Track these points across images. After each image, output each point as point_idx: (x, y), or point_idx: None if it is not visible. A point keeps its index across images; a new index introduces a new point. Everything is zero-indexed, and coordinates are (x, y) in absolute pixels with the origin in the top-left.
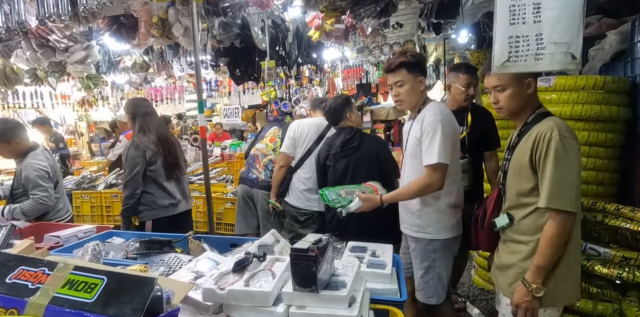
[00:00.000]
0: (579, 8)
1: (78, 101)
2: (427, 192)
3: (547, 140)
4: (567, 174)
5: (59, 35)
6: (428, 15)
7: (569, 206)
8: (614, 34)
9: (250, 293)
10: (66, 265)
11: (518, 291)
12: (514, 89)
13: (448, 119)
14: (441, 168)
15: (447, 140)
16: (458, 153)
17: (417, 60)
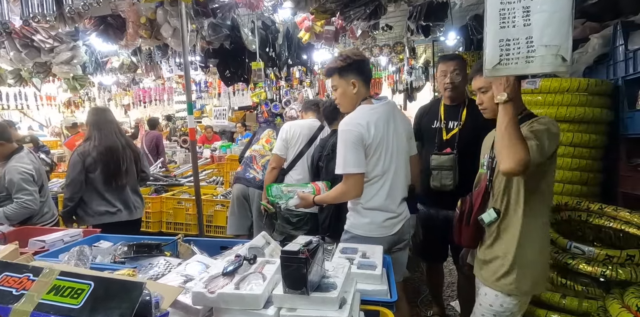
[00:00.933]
0: (568, 11)
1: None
2: (345, 198)
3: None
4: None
5: (44, 35)
6: (417, 18)
7: None
8: (597, 38)
9: (241, 296)
10: (52, 270)
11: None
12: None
13: (352, 123)
14: (352, 177)
15: (349, 148)
16: (378, 156)
17: (348, 64)
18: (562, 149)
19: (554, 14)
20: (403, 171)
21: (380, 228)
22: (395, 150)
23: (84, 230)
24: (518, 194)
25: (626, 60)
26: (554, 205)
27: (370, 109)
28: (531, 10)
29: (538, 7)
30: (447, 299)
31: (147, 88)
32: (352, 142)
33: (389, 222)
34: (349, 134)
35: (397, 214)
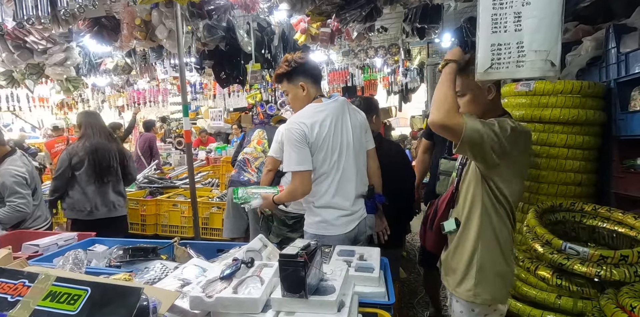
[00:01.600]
0: (558, 17)
1: (57, 104)
2: (296, 196)
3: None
4: None
5: (37, 36)
6: (412, 20)
7: None
8: (590, 41)
9: (239, 300)
10: (47, 276)
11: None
12: (474, 94)
13: (295, 123)
14: (298, 174)
15: (293, 147)
16: (324, 154)
17: (293, 68)
18: (556, 150)
19: (543, 19)
20: (354, 168)
21: (332, 226)
22: (345, 147)
23: (79, 234)
24: (481, 203)
25: (618, 63)
26: (548, 206)
27: (315, 108)
28: (522, 15)
29: (529, 12)
30: (444, 300)
31: (141, 89)
32: (296, 141)
33: (341, 220)
34: (291, 133)
35: (350, 212)
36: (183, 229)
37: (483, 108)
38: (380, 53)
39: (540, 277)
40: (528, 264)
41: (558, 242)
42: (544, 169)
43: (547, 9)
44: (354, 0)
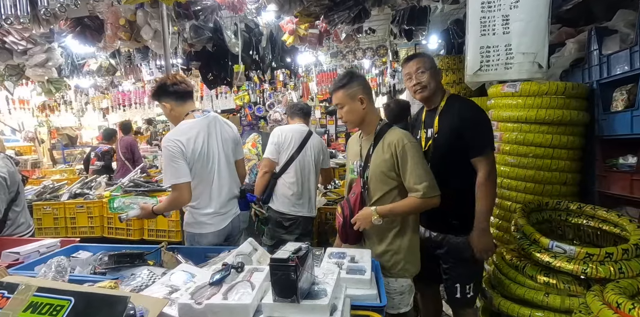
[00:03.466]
0: (544, 20)
1: (38, 106)
2: (178, 205)
3: (402, 147)
4: (425, 170)
5: (17, 36)
6: (400, 22)
7: (436, 191)
8: (573, 43)
9: (229, 307)
10: (28, 286)
11: (364, 210)
12: (350, 106)
13: (172, 140)
14: (177, 186)
15: (170, 162)
16: (201, 164)
17: (155, 90)
18: (541, 150)
19: (530, 22)
20: (227, 174)
21: (208, 225)
22: (217, 157)
23: (62, 240)
24: (394, 199)
25: (600, 65)
26: (535, 205)
27: (188, 125)
28: (510, 18)
29: (517, 15)
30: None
31: (126, 91)
32: (173, 156)
33: (216, 219)
34: (169, 150)
35: (224, 211)
36: (170, 233)
37: (361, 116)
38: (368, 54)
39: (529, 275)
40: (516, 262)
41: (545, 241)
42: (530, 168)
43: (534, 12)
44: (342, 2)
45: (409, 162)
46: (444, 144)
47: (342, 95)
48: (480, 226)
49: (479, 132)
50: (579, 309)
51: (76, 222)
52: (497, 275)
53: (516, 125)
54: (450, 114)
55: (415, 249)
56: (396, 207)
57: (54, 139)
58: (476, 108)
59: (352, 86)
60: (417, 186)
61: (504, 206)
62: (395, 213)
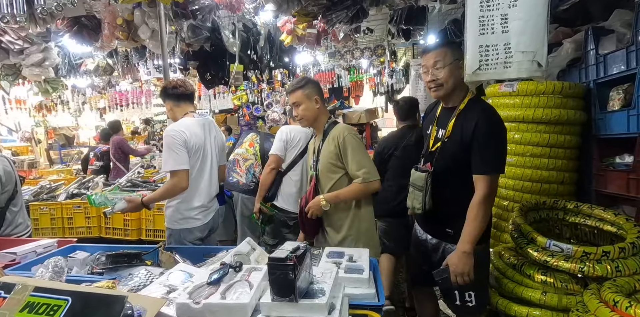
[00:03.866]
0: (543, 19)
1: (35, 106)
2: (174, 192)
3: (343, 139)
4: (365, 157)
5: (13, 36)
6: (398, 22)
7: (376, 176)
8: (570, 42)
9: (227, 306)
10: (25, 286)
11: (314, 199)
12: (306, 104)
13: (176, 131)
14: (176, 173)
15: (172, 150)
16: (197, 157)
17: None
18: (539, 149)
19: (529, 21)
20: (215, 172)
21: (194, 219)
22: (208, 156)
23: (59, 240)
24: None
25: (597, 64)
26: (532, 204)
27: (190, 120)
28: (509, 17)
29: (515, 14)
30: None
31: (124, 91)
32: (177, 144)
33: (202, 214)
34: (174, 138)
35: (208, 207)
36: None
37: (314, 114)
38: (366, 54)
39: (526, 274)
40: (514, 261)
41: (543, 240)
42: (527, 167)
43: (533, 10)
44: (340, 1)
45: (349, 151)
46: (451, 151)
47: (300, 95)
48: (463, 247)
49: (490, 149)
50: (576, 308)
51: (73, 222)
52: (495, 274)
53: (514, 124)
54: (467, 120)
55: (372, 233)
56: (341, 193)
57: (51, 139)
58: (496, 122)
59: (308, 87)
60: (357, 172)
61: (501, 205)
62: (341, 198)
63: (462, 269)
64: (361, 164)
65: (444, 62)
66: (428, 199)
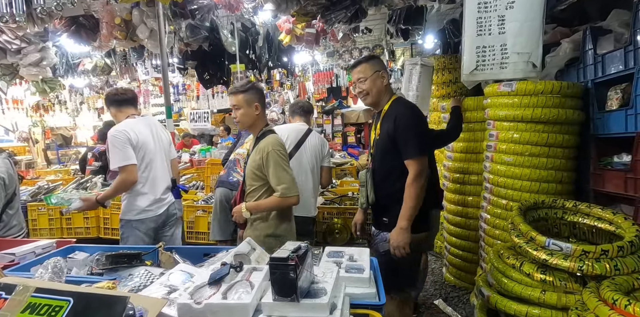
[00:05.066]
0: (539, 20)
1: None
2: (126, 186)
3: (267, 153)
4: (285, 174)
5: (10, 35)
6: (396, 22)
7: (293, 192)
8: (568, 42)
9: (229, 306)
10: (26, 287)
11: (238, 206)
12: (245, 110)
13: (119, 131)
14: (125, 168)
15: (118, 148)
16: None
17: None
18: (537, 149)
19: (525, 23)
20: (164, 166)
21: (147, 211)
22: (155, 150)
23: (58, 241)
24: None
25: (595, 64)
26: (531, 203)
27: (133, 121)
28: (506, 19)
29: (512, 16)
30: (431, 298)
31: None
32: (122, 142)
33: (154, 206)
34: (115, 138)
35: (163, 198)
36: None
37: (253, 120)
38: (364, 54)
39: (525, 273)
40: (513, 260)
41: (542, 239)
42: (526, 167)
43: (530, 12)
44: (339, 1)
45: (271, 166)
46: (382, 147)
47: (241, 99)
48: (401, 224)
49: (410, 137)
50: (575, 306)
51: (72, 222)
52: (494, 273)
53: (512, 124)
54: (389, 118)
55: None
56: (261, 204)
57: (49, 139)
58: (412, 113)
59: (251, 93)
60: (277, 186)
61: (500, 204)
62: (260, 209)
63: (399, 242)
64: (281, 180)
65: (365, 75)
66: (371, 193)
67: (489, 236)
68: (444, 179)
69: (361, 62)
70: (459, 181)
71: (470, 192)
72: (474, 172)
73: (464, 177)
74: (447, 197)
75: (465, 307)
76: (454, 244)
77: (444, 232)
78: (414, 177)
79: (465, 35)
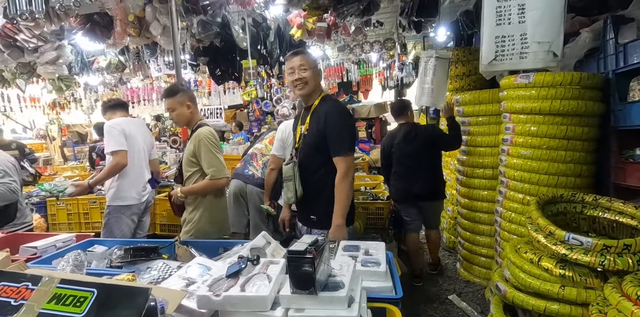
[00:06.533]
0: (560, 9)
1: (49, 104)
2: (117, 169)
3: (198, 141)
4: (214, 157)
5: (28, 34)
6: (409, 14)
7: (222, 174)
8: (587, 32)
9: (247, 298)
10: (51, 279)
11: (174, 190)
12: (179, 110)
13: (116, 124)
14: (117, 153)
15: (112, 136)
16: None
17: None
18: (556, 142)
19: (546, 11)
20: (145, 160)
21: (133, 198)
22: (141, 145)
23: (77, 235)
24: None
25: (617, 54)
26: (549, 197)
27: (125, 120)
28: (526, 7)
29: (533, 4)
30: (445, 293)
31: (135, 88)
32: (115, 131)
33: (140, 194)
34: (111, 127)
35: (145, 188)
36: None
37: (186, 118)
38: (375, 48)
39: (544, 268)
40: (531, 255)
41: (561, 233)
42: (544, 160)
43: (550, 0)
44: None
45: (202, 151)
46: (311, 142)
47: (173, 102)
48: (336, 221)
49: (340, 134)
50: (596, 302)
51: (89, 217)
52: (511, 268)
53: (529, 116)
54: (319, 114)
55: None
56: (194, 187)
57: (65, 136)
58: (342, 111)
59: (181, 95)
60: (207, 169)
61: (516, 198)
62: (193, 192)
63: (337, 238)
64: (211, 163)
65: (307, 65)
66: (298, 186)
67: (505, 230)
68: (457, 173)
69: (304, 53)
70: (473, 175)
71: (485, 186)
72: (489, 166)
73: (478, 171)
74: (461, 191)
75: (480, 303)
76: (468, 239)
77: (458, 227)
78: (344, 174)
79: (484, 25)
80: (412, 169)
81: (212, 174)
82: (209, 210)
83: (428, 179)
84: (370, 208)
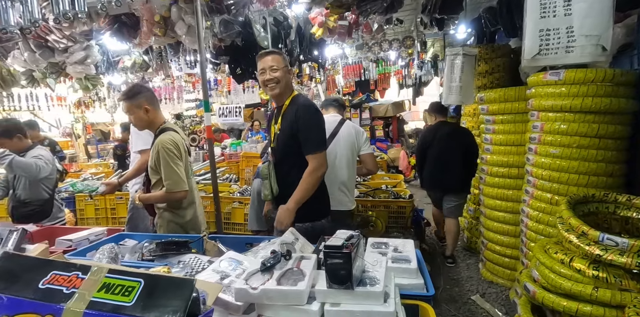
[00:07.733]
0: (609, 0)
1: (74, 103)
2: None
3: (157, 151)
4: (172, 170)
5: (58, 35)
6: (432, 11)
7: (179, 187)
8: (620, 27)
9: (284, 292)
10: (100, 268)
11: (137, 196)
12: (137, 114)
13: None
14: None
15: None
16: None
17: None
18: (586, 140)
19: (594, 3)
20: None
21: None
22: None
23: (108, 229)
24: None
25: None
26: (580, 197)
27: None
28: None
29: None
30: (467, 294)
31: (156, 87)
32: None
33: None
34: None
35: None
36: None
37: (145, 122)
38: (394, 46)
39: (576, 268)
40: (561, 255)
41: (595, 234)
42: (574, 159)
43: None
44: None
45: (161, 162)
46: (284, 141)
47: (129, 106)
48: (288, 205)
49: (310, 133)
50: (633, 304)
51: (116, 212)
52: (540, 268)
53: (559, 114)
54: (290, 113)
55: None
56: (150, 197)
57: (89, 134)
58: (312, 110)
59: (137, 98)
60: (164, 182)
61: (544, 198)
62: (150, 201)
63: (281, 218)
64: (167, 176)
65: (279, 65)
66: (274, 184)
67: (532, 230)
68: (481, 172)
69: (275, 53)
70: (498, 174)
71: (510, 185)
72: (514, 165)
73: (503, 171)
74: (485, 191)
75: (505, 304)
76: (492, 239)
77: (481, 227)
78: (313, 170)
79: (527, 18)
80: (447, 163)
81: (168, 188)
82: (174, 220)
83: (458, 172)
84: (392, 206)
